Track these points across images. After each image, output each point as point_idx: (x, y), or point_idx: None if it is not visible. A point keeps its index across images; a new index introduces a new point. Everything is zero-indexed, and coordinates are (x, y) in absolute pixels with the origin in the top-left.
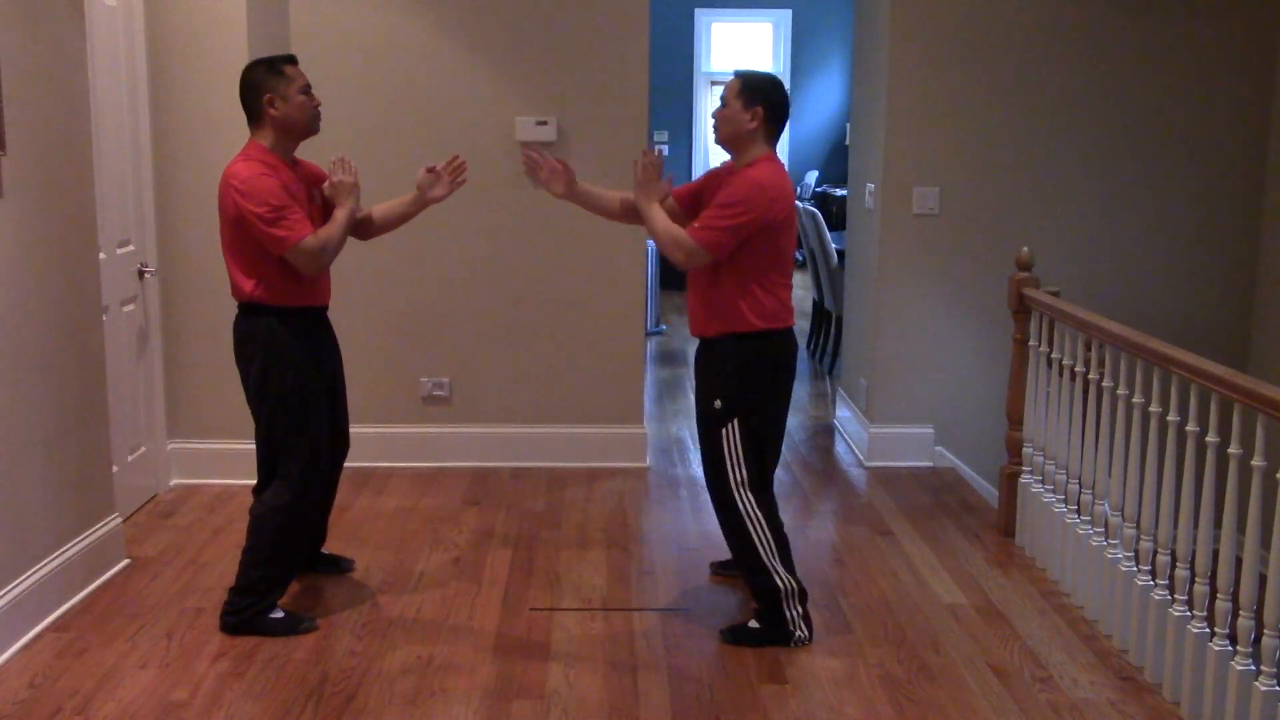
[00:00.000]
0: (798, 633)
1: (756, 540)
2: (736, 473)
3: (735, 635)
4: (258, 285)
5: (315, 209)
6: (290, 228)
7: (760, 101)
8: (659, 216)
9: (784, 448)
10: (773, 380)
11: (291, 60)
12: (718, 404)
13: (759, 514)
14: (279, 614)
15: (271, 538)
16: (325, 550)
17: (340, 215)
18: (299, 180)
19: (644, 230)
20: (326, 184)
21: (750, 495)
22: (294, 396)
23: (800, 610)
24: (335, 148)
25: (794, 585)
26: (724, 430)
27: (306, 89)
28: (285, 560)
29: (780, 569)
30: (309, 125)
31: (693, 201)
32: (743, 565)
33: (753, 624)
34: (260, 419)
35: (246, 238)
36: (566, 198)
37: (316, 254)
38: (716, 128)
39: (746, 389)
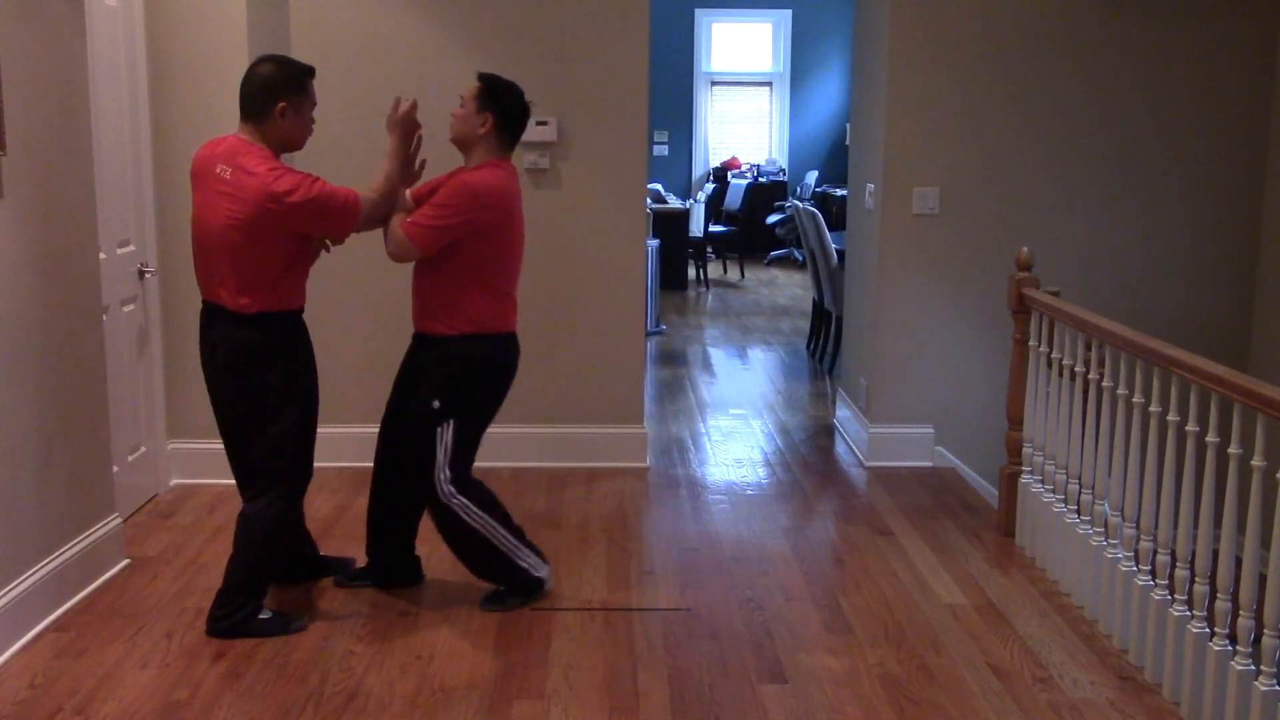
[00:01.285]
0: (540, 574)
1: (479, 526)
2: (443, 471)
3: (494, 600)
4: (275, 291)
5: None
6: (334, 187)
7: (492, 108)
8: (400, 204)
9: (783, 447)
10: (491, 384)
11: (313, 75)
12: (436, 404)
13: (467, 501)
14: (267, 614)
15: (263, 537)
16: (324, 554)
17: (387, 157)
18: None
19: (643, 230)
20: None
21: (454, 488)
22: (307, 400)
23: (531, 555)
24: (334, 146)
25: (512, 541)
26: (439, 430)
27: (312, 107)
28: (272, 560)
29: (501, 532)
30: (302, 145)
31: (425, 196)
32: (466, 551)
33: (501, 587)
34: (274, 426)
35: (266, 239)
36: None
37: (381, 200)
38: (451, 126)
39: (466, 392)
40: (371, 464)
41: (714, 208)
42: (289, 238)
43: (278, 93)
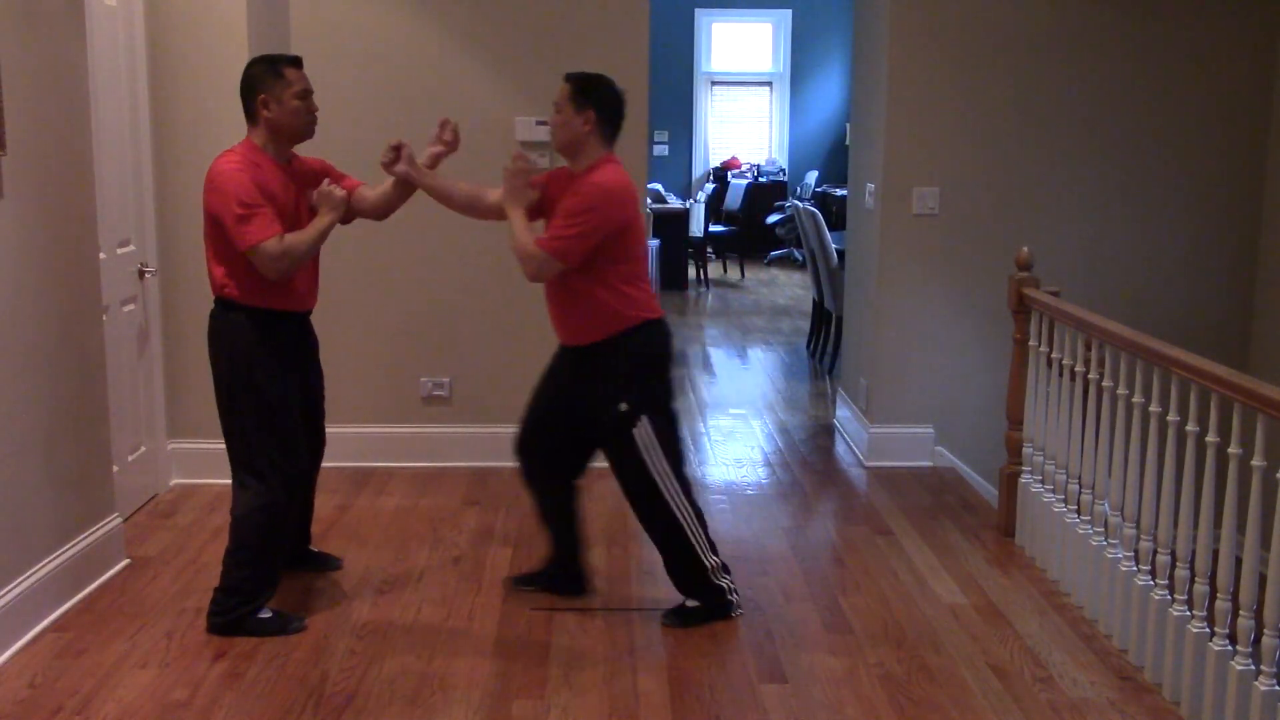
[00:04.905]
0: (734, 599)
1: (689, 532)
2: (659, 466)
3: (679, 616)
4: (231, 281)
5: (305, 208)
6: (254, 227)
7: (591, 104)
8: (521, 226)
9: (783, 447)
10: (662, 370)
11: (294, 62)
12: (623, 407)
13: (686, 504)
14: (267, 614)
15: (254, 538)
16: (314, 549)
17: (318, 224)
18: (289, 180)
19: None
20: (315, 192)
21: (676, 486)
22: (261, 396)
23: (729, 580)
24: (335, 147)
25: (718, 560)
26: (635, 431)
27: (304, 94)
28: (269, 560)
29: (706, 549)
30: (302, 130)
31: (549, 203)
32: (671, 556)
33: (691, 603)
34: (229, 416)
35: (222, 232)
36: (405, 178)
37: (276, 258)
38: (552, 135)
39: (646, 384)
40: (372, 464)
41: (714, 208)
42: None
43: (256, 86)
